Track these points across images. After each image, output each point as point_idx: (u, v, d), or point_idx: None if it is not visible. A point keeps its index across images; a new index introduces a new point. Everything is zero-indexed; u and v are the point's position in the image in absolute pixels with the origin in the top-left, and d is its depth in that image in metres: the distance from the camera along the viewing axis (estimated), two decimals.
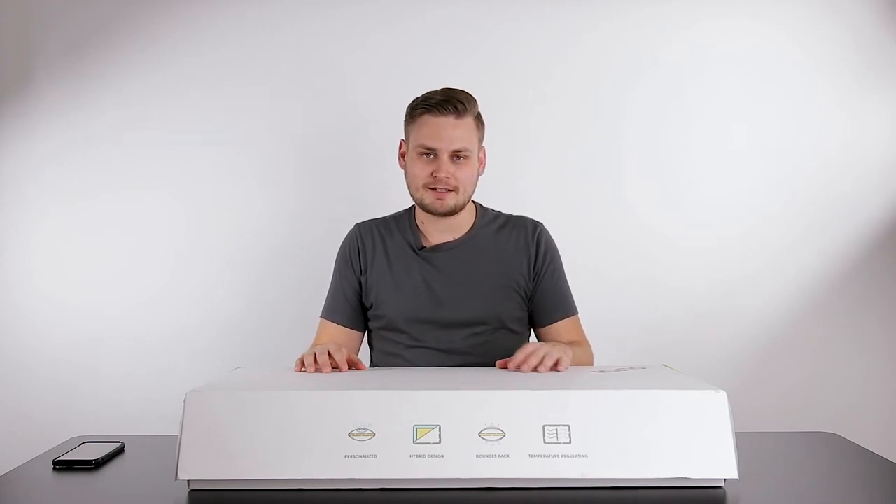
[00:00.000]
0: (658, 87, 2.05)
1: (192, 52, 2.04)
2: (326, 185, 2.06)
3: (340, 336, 1.52)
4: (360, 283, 1.54)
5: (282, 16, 2.04)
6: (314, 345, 1.52)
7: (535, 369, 1.21)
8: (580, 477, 0.93)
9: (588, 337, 1.57)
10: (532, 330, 1.59)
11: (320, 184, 2.06)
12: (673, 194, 2.06)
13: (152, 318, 2.04)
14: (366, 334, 1.60)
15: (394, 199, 1.65)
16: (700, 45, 2.05)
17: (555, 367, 1.21)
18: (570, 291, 1.57)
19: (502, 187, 1.84)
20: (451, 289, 1.49)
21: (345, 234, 1.60)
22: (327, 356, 1.23)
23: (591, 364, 1.50)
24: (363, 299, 1.54)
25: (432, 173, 1.44)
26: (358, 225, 1.59)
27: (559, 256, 1.58)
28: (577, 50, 2.05)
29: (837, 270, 2.05)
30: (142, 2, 2.03)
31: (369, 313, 1.54)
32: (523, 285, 1.52)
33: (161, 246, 2.04)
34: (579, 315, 1.57)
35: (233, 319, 2.04)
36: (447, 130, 1.43)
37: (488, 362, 1.46)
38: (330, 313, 1.55)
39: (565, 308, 1.55)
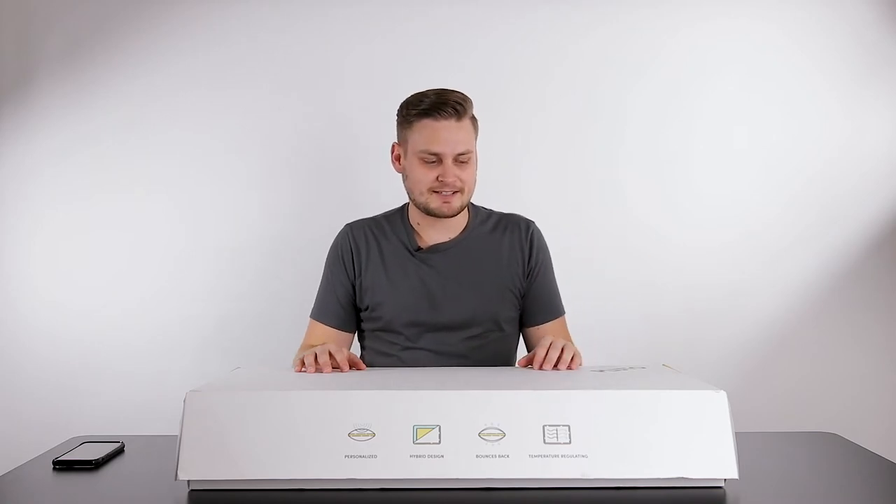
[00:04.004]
0: (658, 87, 2.05)
1: (192, 52, 2.04)
2: (326, 185, 2.05)
3: (331, 338, 1.50)
4: (353, 286, 1.52)
5: (280, 16, 2.04)
6: (304, 346, 1.52)
7: (555, 366, 1.22)
8: (580, 477, 0.93)
9: (588, 337, 1.57)
10: (521, 330, 1.58)
11: (320, 184, 2.06)
12: (673, 194, 2.06)
13: (152, 319, 2.04)
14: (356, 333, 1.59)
15: (393, 199, 1.64)
16: (700, 45, 2.05)
17: (570, 364, 1.22)
18: (558, 291, 1.57)
19: (502, 187, 1.84)
20: (449, 290, 1.48)
21: None
22: (328, 356, 1.23)
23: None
24: (357, 301, 1.53)
25: (438, 178, 1.42)
26: (349, 225, 1.57)
27: (550, 255, 1.58)
28: (578, 50, 2.05)
29: (837, 271, 2.05)
30: (142, 2, 2.03)
31: (364, 314, 1.53)
32: (518, 285, 1.52)
33: (160, 246, 2.04)
34: (566, 315, 1.58)
35: (232, 319, 2.04)
36: (450, 134, 1.41)
37: (483, 364, 1.46)
38: (320, 315, 1.54)
39: (555, 309, 1.55)
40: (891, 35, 2.03)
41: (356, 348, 1.59)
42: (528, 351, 1.57)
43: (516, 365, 1.30)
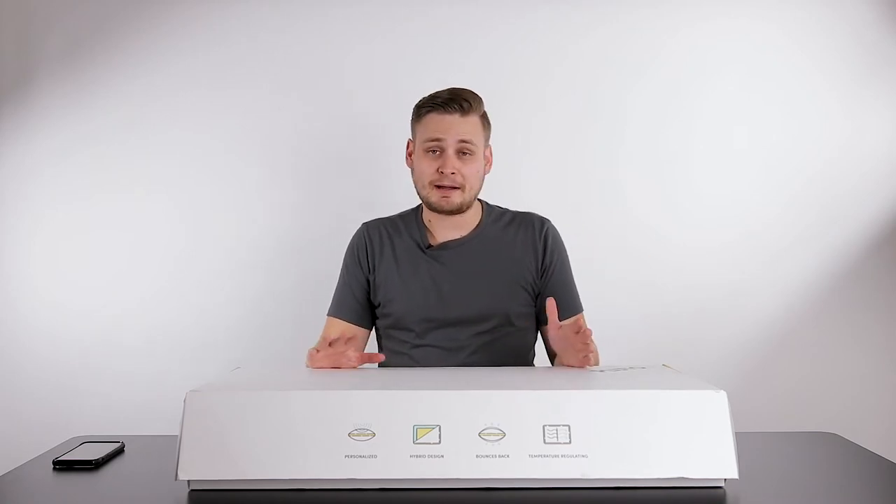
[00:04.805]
0: (658, 87, 2.05)
1: (193, 52, 2.04)
2: (328, 185, 2.06)
3: (347, 333, 1.51)
4: (368, 282, 1.54)
5: (280, 16, 2.04)
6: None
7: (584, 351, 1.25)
8: (580, 477, 0.93)
9: None
10: (538, 328, 1.58)
11: (322, 184, 2.06)
12: (673, 194, 2.06)
13: (152, 319, 2.04)
14: (374, 333, 1.60)
15: (398, 199, 1.65)
16: (700, 45, 2.05)
17: (585, 361, 1.26)
18: (576, 289, 1.57)
19: (504, 187, 1.84)
20: (459, 286, 1.49)
21: (346, 235, 1.61)
22: (323, 344, 1.27)
23: (598, 363, 1.50)
24: (371, 297, 1.55)
25: (438, 169, 1.45)
26: (365, 224, 1.60)
27: (566, 253, 1.58)
28: (578, 50, 2.05)
29: (837, 271, 2.05)
30: (142, 2, 2.04)
31: (378, 311, 1.55)
32: (531, 282, 1.53)
33: (161, 246, 2.04)
34: (584, 313, 1.57)
35: (233, 319, 2.04)
36: (452, 125, 1.45)
37: (494, 361, 1.47)
38: (337, 311, 1.55)
39: (572, 306, 1.55)
40: (891, 35, 2.03)
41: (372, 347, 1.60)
42: (546, 349, 1.57)
43: (549, 322, 1.30)
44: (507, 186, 1.96)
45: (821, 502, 0.97)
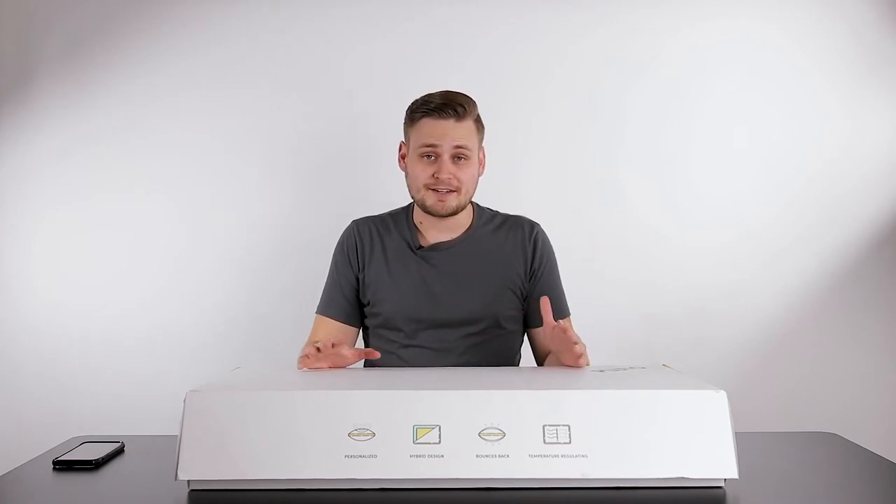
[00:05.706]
0: (658, 87, 2.05)
1: (193, 51, 2.04)
2: (326, 184, 2.06)
3: (336, 332, 1.51)
4: (357, 280, 1.54)
5: (280, 16, 2.04)
6: (309, 342, 1.52)
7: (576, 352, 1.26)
8: (580, 477, 0.93)
9: (587, 337, 1.56)
10: (525, 331, 1.58)
11: (320, 184, 2.06)
12: (673, 194, 2.06)
13: (152, 319, 2.04)
14: (361, 332, 1.59)
15: (397, 199, 1.65)
16: (700, 45, 2.05)
17: (577, 361, 1.26)
18: (563, 293, 1.57)
19: (503, 188, 1.84)
20: (449, 287, 1.49)
21: None
22: (312, 348, 1.26)
23: (588, 362, 1.50)
24: (360, 296, 1.54)
25: (434, 174, 1.44)
26: (355, 222, 1.59)
27: (555, 258, 1.58)
28: (578, 50, 2.05)
29: (837, 271, 2.05)
30: (142, 2, 2.04)
31: (366, 310, 1.55)
32: (519, 285, 1.53)
33: (161, 246, 2.04)
34: (571, 317, 1.58)
35: (233, 319, 2.04)
36: (448, 130, 1.44)
37: (482, 363, 1.46)
38: (326, 309, 1.55)
39: (559, 310, 1.55)
40: (891, 35, 2.03)
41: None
42: (534, 352, 1.57)
43: (543, 313, 1.29)
44: (507, 186, 1.97)
45: (821, 502, 0.97)
